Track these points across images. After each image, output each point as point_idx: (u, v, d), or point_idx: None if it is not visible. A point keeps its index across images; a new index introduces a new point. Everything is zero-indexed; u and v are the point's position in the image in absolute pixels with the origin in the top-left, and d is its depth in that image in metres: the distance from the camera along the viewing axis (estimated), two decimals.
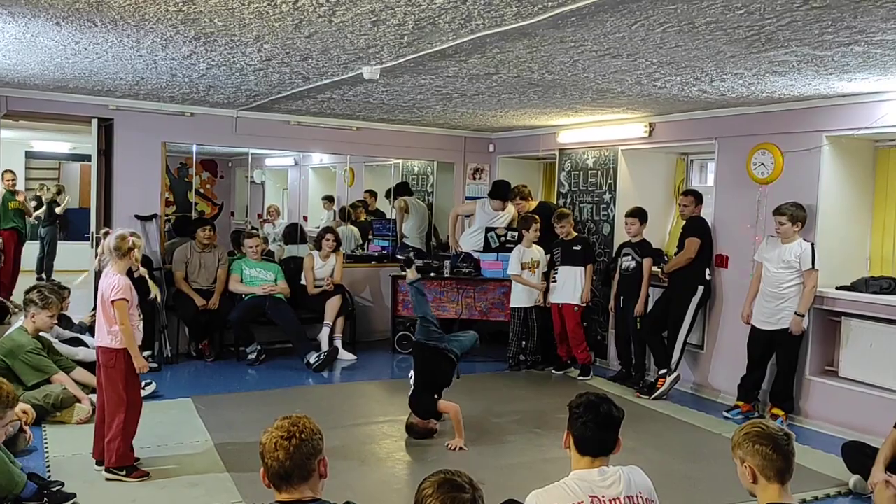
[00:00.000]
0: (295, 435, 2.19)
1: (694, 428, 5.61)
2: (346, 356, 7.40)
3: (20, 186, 10.55)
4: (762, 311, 5.63)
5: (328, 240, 7.58)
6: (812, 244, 5.42)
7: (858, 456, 4.38)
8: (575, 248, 6.93)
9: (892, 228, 5.67)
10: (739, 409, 5.76)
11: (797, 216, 5.42)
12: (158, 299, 4.35)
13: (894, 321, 5.21)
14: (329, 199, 10.28)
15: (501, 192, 7.93)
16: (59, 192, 12.15)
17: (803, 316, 5.43)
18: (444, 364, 5.06)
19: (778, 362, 5.65)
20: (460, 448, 4.80)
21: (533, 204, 7.60)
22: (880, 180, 5.75)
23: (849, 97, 5.29)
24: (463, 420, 4.94)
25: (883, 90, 5.00)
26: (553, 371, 7.16)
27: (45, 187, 12.23)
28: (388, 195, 9.68)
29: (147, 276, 4.31)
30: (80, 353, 5.69)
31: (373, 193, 10.00)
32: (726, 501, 4.07)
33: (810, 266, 5.35)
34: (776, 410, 5.60)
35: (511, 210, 7.97)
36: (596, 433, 2.50)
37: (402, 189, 9.34)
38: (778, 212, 5.48)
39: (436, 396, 5.01)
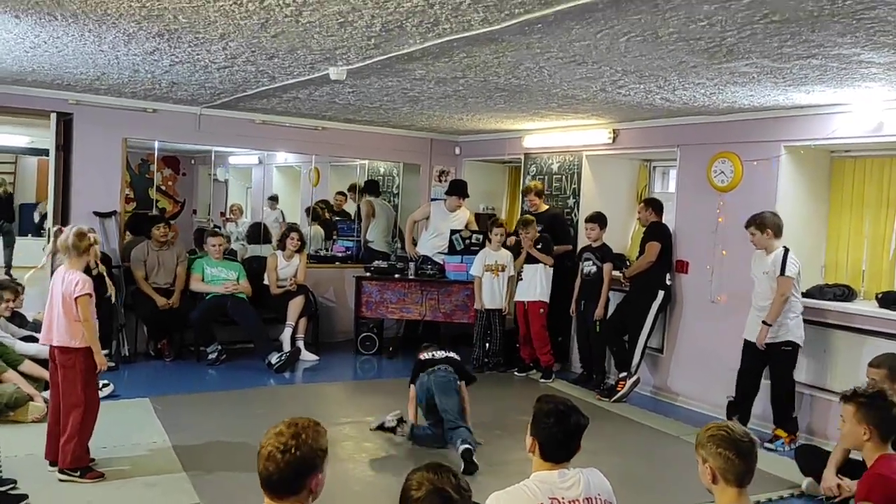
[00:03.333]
0: (290, 449, 2.06)
1: (653, 431, 5.69)
2: (308, 357, 7.35)
3: None
4: (753, 323, 5.35)
5: (292, 239, 7.52)
6: (787, 249, 5.21)
7: (811, 459, 4.48)
8: (537, 246, 6.99)
9: (846, 237, 5.82)
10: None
11: (765, 223, 5.23)
12: (114, 298, 4.27)
13: (847, 328, 5.34)
14: (274, 199, 10.21)
15: (459, 189, 7.96)
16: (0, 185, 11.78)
17: (769, 325, 5.16)
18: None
19: (772, 379, 5.34)
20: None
21: (544, 206, 7.46)
22: (835, 190, 5.89)
23: (806, 108, 5.42)
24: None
25: (839, 102, 5.13)
26: (516, 373, 7.21)
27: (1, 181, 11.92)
28: (354, 189, 9.65)
29: (105, 274, 4.24)
30: (32, 349, 5.56)
31: (343, 195, 9.93)
32: (684, 503, 4.14)
33: (780, 272, 5.13)
34: (779, 432, 5.28)
35: (466, 212, 8.01)
36: (562, 442, 2.53)
37: (370, 187, 9.30)
38: (747, 224, 5.32)
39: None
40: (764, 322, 5.18)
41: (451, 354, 5.22)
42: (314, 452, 2.09)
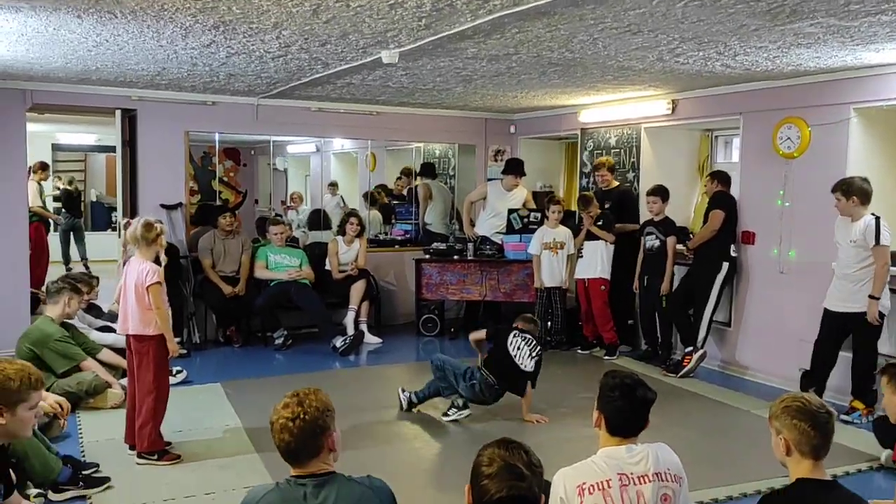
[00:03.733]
0: (299, 416, 2.19)
1: (721, 405, 5.58)
2: (371, 340, 7.45)
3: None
4: (836, 292, 5.18)
5: (352, 224, 7.61)
6: (877, 218, 4.96)
7: (890, 431, 4.32)
8: (598, 223, 6.91)
9: None
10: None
11: (851, 189, 4.99)
12: (165, 261, 4.33)
13: None
14: (334, 185, 10.29)
15: (515, 167, 7.90)
16: (70, 183, 12.08)
17: (878, 299, 4.93)
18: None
19: (854, 350, 5.16)
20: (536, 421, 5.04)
21: (615, 182, 7.32)
22: None
23: (876, 68, 5.18)
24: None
25: None
26: (579, 351, 7.15)
27: (59, 177, 12.34)
28: (410, 174, 9.67)
29: (164, 261, 4.34)
30: (109, 339, 5.78)
31: (403, 178, 9.89)
32: (754, 478, 4.06)
33: (874, 242, 4.91)
34: (856, 403, 5.13)
35: (523, 191, 7.95)
36: (629, 416, 2.50)
37: (426, 170, 9.31)
38: (833, 189, 5.10)
39: None
40: (871, 296, 4.95)
41: (534, 356, 5.11)
42: (321, 413, 2.22)
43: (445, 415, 5.12)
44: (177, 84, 6.72)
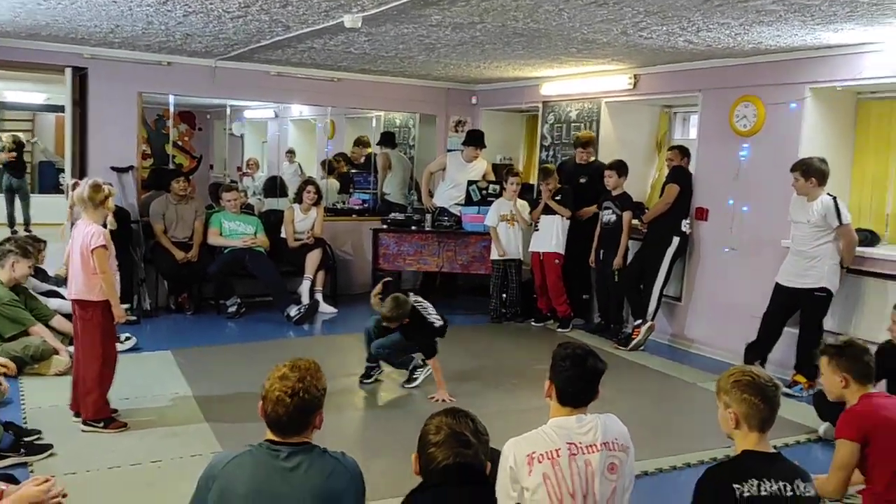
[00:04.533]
0: (298, 393, 2.16)
1: (669, 377, 5.69)
2: (326, 309, 7.40)
3: None
4: (790, 268, 5.28)
5: (309, 192, 7.51)
6: (834, 198, 5.07)
7: (829, 405, 4.44)
8: (556, 198, 6.91)
9: (871, 181, 5.70)
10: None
11: (810, 170, 5.08)
12: (113, 226, 4.19)
13: (871, 273, 5.25)
14: (291, 153, 10.14)
15: (476, 139, 7.86)
16: (14, 142, 11.38)
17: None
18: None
19: (801, 325, 5.29)
20: (443, 400, 4.86)
21: (591, 157, 7.22)
22: (861, 133, 5.75)
23: (834, 48, 5.25)
24: (444, 371, 4.99)
25: (868, 41, 4.96)
26: (533, 323, 7.21)
27: (13, 138, 11.79)
28: (366, 143, 9.57)
29: (112, 226, 4.21)
30: (53, 303, 5.64)
31: (361, 146, 9.77)
32: (699, 448, 4.15)
33: (838, 222, 5.02)
34: (798, 377, 5.25)
35: (483, 163, 7.92)
36: (580, 386, 2.52)
37: (386, 139, 9.20)
38: (792, 168, 5.17)
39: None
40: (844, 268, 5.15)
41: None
42: (318, 392, 2.21)
43: (409, 382, 5.16)
44: (131, 43, 6.51)
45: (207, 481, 2.16)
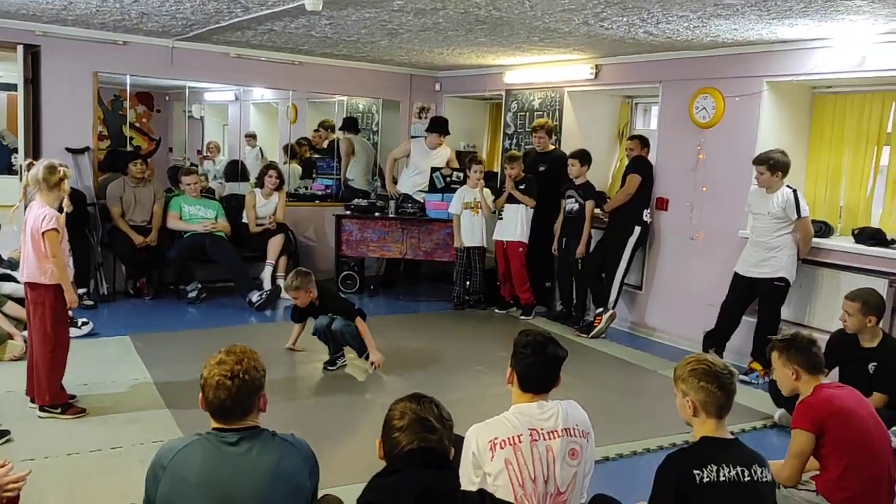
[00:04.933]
0: (238, 375, 2.17)
1: (630, 365, 5.79)
2: (288, 295, 7.34)
3: None
4: (748, 257, 5.39)
5: (271, 177, 7.43)
6: (794, 191, 5.18)
7: None
8: (520, 187, 6.95)
9: (824, 174, 5.85)
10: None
11: (777, 165, 5.15)
12: (69, 208, 4.12)
13: (824, 264, 5.40)
14: (252, 137, 10.01)
15: (440, 126, 7.86)
16: None
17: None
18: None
19: (760, 314, 5.40)
20: (375, 365, 5.08)
21: (551, 146, 7.22)
22: (815, 126, 5.89)
23: (789, 43, 5.37)
24: (408, 358, 5.02)
25: (822, 36, 5.08)
26: (496, 311, 7.26)
27: None
28: (328, 127, 9.49)
29: (68, 208, 4.12)
30: (6, 287, 5.51)
31: (322, 131, 9.68)
32: (659, 434, 4.24)
33: (797, 215, 5.14)
34: (755, 365, 5.38)
35: (447, 150, 7.93)
36: (540, 372, 2.56)
37: (348, 124, 9.14)
38: (757, 161, 5.24)
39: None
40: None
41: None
42: (258, 373, 2.23)
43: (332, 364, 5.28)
44: (85, 20, 6.35)
45: (156, 473, 2.15)
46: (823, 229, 5.51)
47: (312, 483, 2.27)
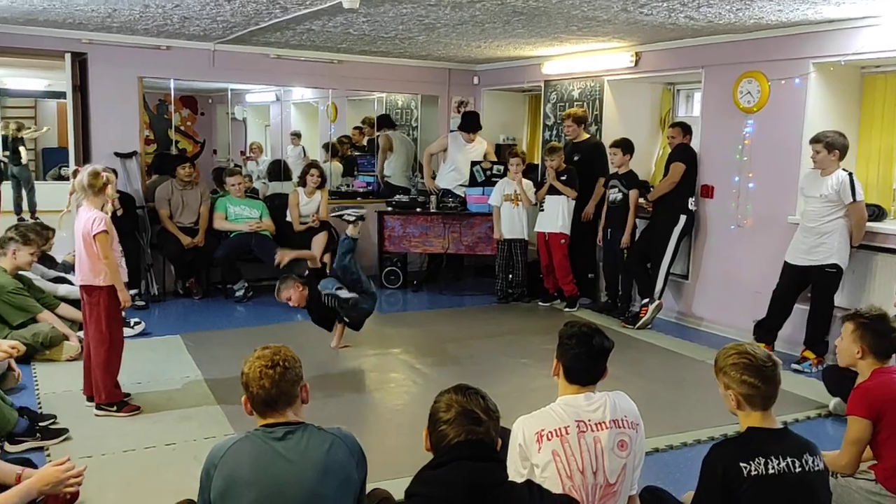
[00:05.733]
0: (279, 364, 2.24)
1: (677, 355, 5.71)
2: None
3: None
4: (799, 245, 5.24)
5: (313, 175, 7.50)
6: (850, 174, 5.02)
7: (839, 380, 4.46)
8: (562, 178, 6.89)
9: (876, 156, 5.68)
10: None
11: (834, 144, 4.99)
12: (115, 210, 4.24)
13: (880, 248, 5.25)
14: (297, 136, 10.11)
15: (470, 123, 7.84)
16: (19, 129, 11.44)
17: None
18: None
19: (812, 301, 5.26)
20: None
21: (585, 135, 7.16)
22: (866, 108, 5.72)
23: (836, 23, 5.22)
24: (452, 351, 5.03)
25: (870, 14, 4.93)
26: (540, 303, 7.23)
27: (6, 124, 11.75)
28: (369, 124, 9.55)
29: (113, 210, 4.25)
30: (62, 289, 5.67)
31: (360, 129, 9.75)
32: (707, 425, 4.18)
33: (851, 199, 4.97)
34: (807, 353, 5.25)
35: (483, 143, 7.91)
36: (587, 364, 2.52)
37: (383, 121, 9.18)
38: (814, 140, 5.09)
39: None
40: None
41: None
42: (296, 362, 2.31)
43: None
44: (129, 27, 6.49)
45: (209, 471, 2.20)
46: (877, 213, 5.35)
47: (360, 475, 2.30)
